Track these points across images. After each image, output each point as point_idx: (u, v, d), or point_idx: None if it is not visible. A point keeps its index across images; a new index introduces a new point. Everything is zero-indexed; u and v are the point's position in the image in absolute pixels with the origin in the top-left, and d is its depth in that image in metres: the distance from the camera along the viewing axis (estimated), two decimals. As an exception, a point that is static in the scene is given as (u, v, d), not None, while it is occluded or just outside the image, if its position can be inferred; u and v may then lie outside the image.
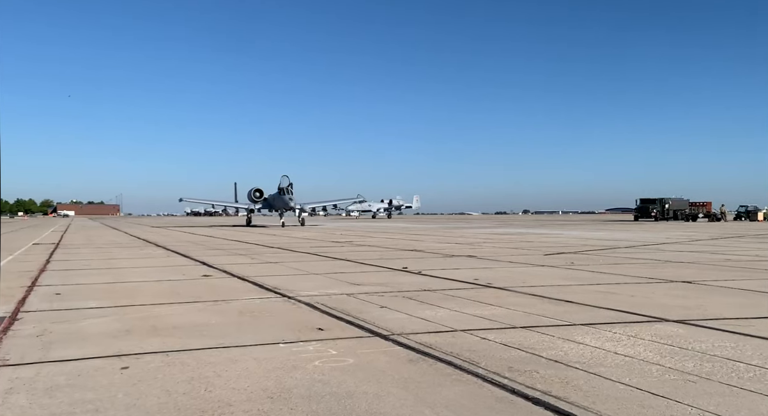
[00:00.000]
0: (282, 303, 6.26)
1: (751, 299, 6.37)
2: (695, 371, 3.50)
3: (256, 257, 13.02)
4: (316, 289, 7.28)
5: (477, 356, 3.90)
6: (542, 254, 13.36)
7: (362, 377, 3.45)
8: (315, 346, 4.22)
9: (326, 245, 17.36)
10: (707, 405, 2.90)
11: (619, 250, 14.75)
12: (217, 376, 3.49)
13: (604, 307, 5.81)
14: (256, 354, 3.99)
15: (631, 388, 3.19)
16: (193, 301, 6.41)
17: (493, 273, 9.15)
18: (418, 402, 3.03)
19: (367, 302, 6.19)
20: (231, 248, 16.56)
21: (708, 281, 7.93)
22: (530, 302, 6.16)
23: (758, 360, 3.73)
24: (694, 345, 4.17)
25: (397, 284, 7.72)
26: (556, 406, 2.93)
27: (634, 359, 3.79)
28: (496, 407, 2.95)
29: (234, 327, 4.95)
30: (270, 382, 3.36)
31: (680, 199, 59.95)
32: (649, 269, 9.67)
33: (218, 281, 8.35)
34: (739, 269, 9.62)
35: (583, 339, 4.37)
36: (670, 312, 5.51)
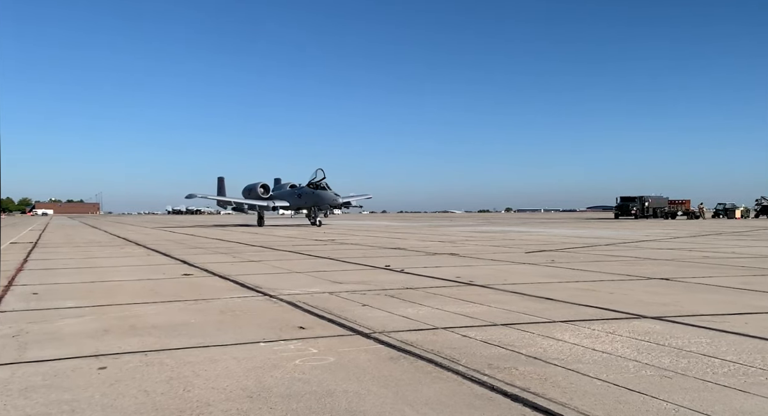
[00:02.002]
0: (263, 302, 6.23)
1: (727, 295, 6.48)
2: (671, 367, 3.55)
3: (238, 255, 12.94)
4: (298, 287, 7.26)
5: (458, 353, 3.92)
6: (524, 251, 13.46)
7: (343, 375, 3.45)
8: (296, 345, 4.21)
9: (309, 244, 17.31)
10: (682, 401, 2.94)
11: (599, 247, 14.90)
12: (196, 376, 3.46)
13: (584, 304, 5.87)
14: (236, 354, 3.96)
15: (608, 384, 3.23)
16: (173, 300, 6.36)
17: (475, 271, 9.19)
18: (398, 400, 3.04)
19: (349, 301, 6.19)
20: (212, 246, 16.44)
21: (685, 278, 8.05)
22: (511, 300, 6.20)
23: (733, 355, 3.80)
24: (670, 341, 4.23)
25: (379, 283, 7.72)
26: (535, 402, 2.95)
27: (611, 355, 3.84)
28: (475, 404, 2.97)
29: (214, 326, 4.91)
30: (250, 381, 3.34)
31: (660, 197, 60.77)
32: (628, 267, 9.79)
33: (199, 280, 8.29)
34: (716, 266, 9.78)
35: (562, 336, 4.41)
36: (647, 308, 5.58)
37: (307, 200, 35.95)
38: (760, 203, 62.57)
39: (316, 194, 35.02)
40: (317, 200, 35.28)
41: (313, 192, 35.21)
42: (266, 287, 7.28)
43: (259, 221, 37.26)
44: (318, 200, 35.18)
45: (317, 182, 35.15)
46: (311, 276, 8.58)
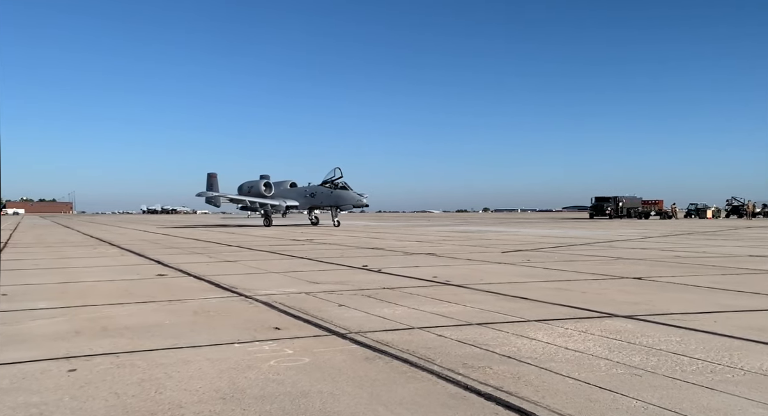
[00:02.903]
0: (239, 303, 6.18)
1: (697, 294, 6.61)
2: (641, 365, 3.61)
3: (214, 255, 12.82)
4: (275, 288, 7.22)
5: (433, 353, 3.94)
6: (500, 251, 13.57)
7: (318, 376, 3.45)
8: (271, 346, 4.19)
9: (286, 244, 17.22)
10: (651, 398, 3.00)
11: (573, 247, 15.09)
12: (168, 378, 3.42)
13: (557, 303, 5.94)
14: (209, 355, 3.93)
15: (579, 382, 3.27)
16: (147, 301, 6.28)
17: (452, 271, 9.24)
18: (373, 400, 3.05)
19: (326, 301, 6.17)
20: (188, 246, 16.26)
21: (657, 278, 8.19)
22: (487, 299, 6.25)
23: (701, 353, 3.88)
24: (641, 339, 4.30)
25: (356, 283, 7.72)
26: (507, 401, 2.98)
27: (583, 354, 3.89)
28: (449, 403, 2.98)
29: (188, 327, 4.86)
30: (223, 383, 3.32)
31: (633, 197, 61.79)
32: (602, 266, 9.93)
33: (173, 281, 8.19)
34: (688, 266, 9.97)
35: (535, 335, 4.46)
36: (619, 307, 5.67)
37: (323, 200, 34.42)
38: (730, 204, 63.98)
39: (337, 193, 33.73)
40: (338, 201, 33.83)
41: (332, 192, 33.80)
42: (242, 288, 7.23)
43: (267, 221, 35.14)
44: (339, 200, 33.76)
45: (335, 181, 33.73)
46: (288, 276, 8.55)
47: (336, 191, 33.75)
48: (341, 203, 33.95)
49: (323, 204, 34.82)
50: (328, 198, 34.10)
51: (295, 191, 36.24)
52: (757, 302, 5.97)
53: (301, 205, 35.77)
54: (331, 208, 34.31)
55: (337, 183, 33.80)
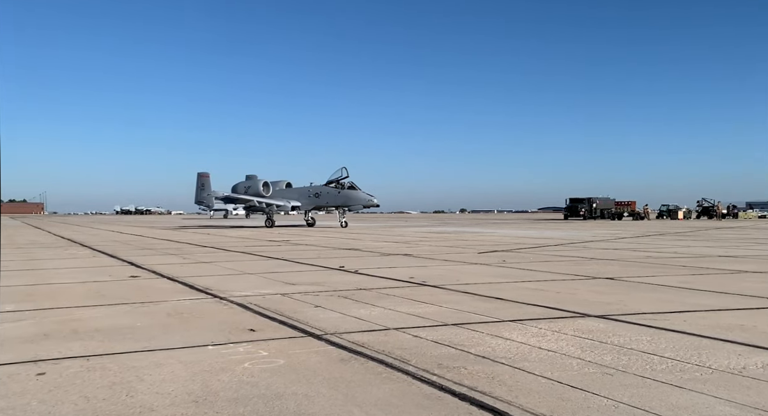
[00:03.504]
0: (213, 304, 6.12)
1: (667, 294, 6.73)
2: (613, 364, 3.67)
3: (188, 256, 12.68)
4: (250, 289, 7.17)
5: (408, 354, 3.95)
6: (476, 252, 13.66)
7: (292, 378, 3.43)
8: (245, 347, 4.16)
9: (262, 245, 17.11)
10: (622, 397, 3.04)
11: (548, 248, 15.26)
12: (140, 381, 3.37)
13: (532, 303, 6.00)
14: (182, 357, 3.88)
15: (552, 382, 3.31)
16: (119, 303, 6.18)
17: (429, 271, 9.28)
18: (348, 401, 3.04)
19: (302, 302, 6.15)
20: (162, 247, 16.05)
21: (629, 278, 8.32)
22: (463, 300, 6.28)
23: (671, 352, 3.95)
24: (613, 339, 4.37)
25: (333, 284, 7.70)
26: (481, 401, 3.00)
27: (556, 353, 3.94)
28: (424, 404, 2.99)
29: (161, 330, 4.80)
30: (196, 386, 3.28)
31: (607, 198, 62.75)
32: (576, 266, 10.06)
33: (146, 282, 8.08)
34: (659, 266, 10.15)
35: (510, 335, 4.50)
36: (592, 307, 5.75)
37: (329, 201, 33.61)
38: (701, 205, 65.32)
39: (346, 194, 33.03)
40: (347, 201, 33.10)
41: (339, 192, 33.07)
42: (216, 289, 7.16)
43: (270, 222, 34.02)
44: (348, 201, 33.03)
45: (342, 181, 32.95)
46: (263, 278, 8.49)
47: (344, 191, 33.06)
48: (351, 203, 33.27)
49: (329, 204, 34.05)
50: (336, 198, 33.36)
51: (297, 191, 35.42)
52: (726, 302, 6.10)
53: (304, 205, 35.00)
54: (339, 209, 33.63)
55: (343, 183, 33.11)
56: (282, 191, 35.93)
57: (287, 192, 35.81)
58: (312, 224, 35.30)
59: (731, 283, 7.73)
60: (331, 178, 33.82)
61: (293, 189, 35.91)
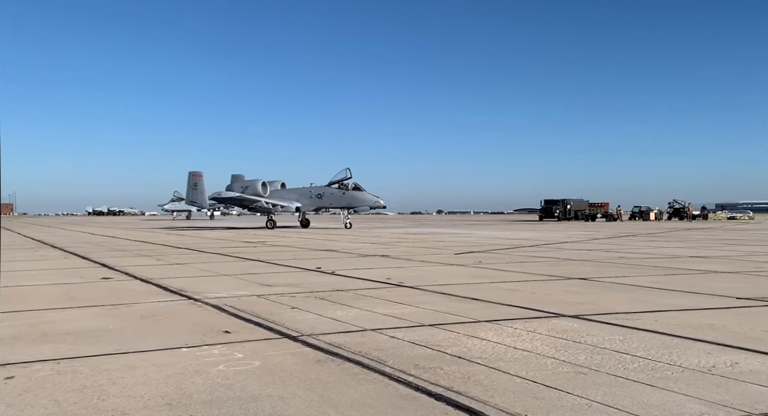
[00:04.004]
0: (187, 306, 6.05)
1: (640, 294, 6.85)
2: (586, 363, 3.72)
3: (162, 258, 12.51)
4: (225, 291, 7.10)
5: (385, 355, 3.95)
6: (453, 253, 13.73)
7: (268, 380, 3.41)
8: (220, 349, 4.12)
9: (238, 246, 16.97)
10: (595, 396, 3.09)
11: (523, 248, 15.41)
12: (112, 384, 3.32)
13: (507, 304, 6.05)
14: (156, 360, 3.83)
15: (527, 381, 3.34)
16: (91, 305, 6.07)
17: (406, 272, 9.29)
18: (324, 402, 3.03)
19: (278, 304, 6.11)
20: (135, 249, 15.83)
21: (602, 278, 8.45)
22: (439, 301, 6.31)
23: (643, 351, 4.02)
24: (586, 338, 4.43)
25: (309, 285, 7.67)
26: (457, 401, 3.02)
27: (531, 353, 3.98)
28: (400, 404, 3.00)
29: (133, 332, 4.73)
30: (170, 388, 3.24)
31: (581, 200, 63.57)
32: (550, 267, 10.17)
33: (119, 284, 7.95)
34: (631, 266, 10.32)
35: (486, 335, 4.53)
36: (566, 307, 5.82)
37: (333, 202, 33.24)
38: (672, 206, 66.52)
39: (351, 195, 32.74)
40: (353, 202, 32.82)
41: (345, 193, 32.76)
42: (191, 291, 7.07)
43: (271, 224, 33.34)
44: (354, 202, 32.75)
45: (346, 182, 32.52)
46: (239, 279, 8.42)
47: (350, 193, 32.71)
48: (357, 204, 32.99)
49: (333, 205, 33.63)
50: (340, 199, 33.00)
51: (297, 191, 34.80)
52: (696, 301, 6.23)
53: (306, 206, 34.44)
54: (343, 210, 33.22)
55: (347, 184, 32.72)
56: (279, 192, 35.28)
57: (286, 192, 35.18)
58: (306, 224, 34.79)
59: (701, 283, 7.89)
60: (334, 179, 33.37)
61: (293, 190, 35.30)
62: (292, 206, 34.25)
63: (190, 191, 36.92)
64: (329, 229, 32.60)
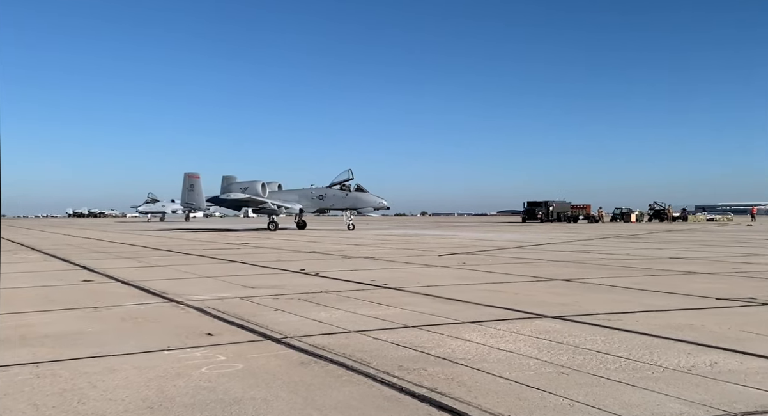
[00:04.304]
0: (169, 308, 6.00)
1: (621, 295, 6.92)
2: (568, 364, 3.75)
3: (144, 260, 12.39)
4: (208, 293, 7.04)
5: (369, 356, 3.95)
6: (437, 254, 13.76)
7: (251, 382, 3.39)
8: (203, 352, 4.08)
9: (221, 248, 16.85)
10: (577, 396, 3.11)
11: (507, 250, 15.49)
12: (92, 387, 3.28)
13: (491, 305, 6.08)
14: (137, 363, 3.79)
15: (510, 382, 3.36)
16: (70, 308, 5.99)
17: (390, 274, 9.30)
18: (307, 404, 3.02)
19: (261, 306, 6.08)
20: (116, 251, 15.65)
21: (584, 279, 8.52)
22: (423, 302, 6.32)
23: (624, 352, 4.06)
24: (568, 339, 4.46)
25: (293, 287, 7.64)
26: (441, 402, 3.03)
27: (514, 354, 4.00)
28: (384, 406, 3.00)
29: (114, 335, 4.67)
30: (151, 391, 3.20)
31: (563, 202, 64.17)
32: (533, 268, 10.24)
33: (99, 286, 7.86)
34: (613, 268, 10.43)
35: (469, 337, 4.55)
36: (549, 308, 5.86)
37: (335, 203, 33.08)
38: (652, 208, 67.40)
39: (355, 196, 32.62)
40: (356, 203, 32.71)
41: (348, 194, 32.64)
42: (173, 293, 7.01)
43: (273, 226, 32.73)
44: (358, 203, 32.65)
45: (348, 183, 32.36)
46: (222, 281, 8.36)
47: (353, 194, 32.62)
48: (360, 206, 32.92)
49: (335, 207, 33.45)
50: (344, 201, 32.87)
51: (297, 192, 34.44)
52: (676, 302, 6.31)
53: (307, 208, 34.10)
54: (346, 211, 33.06)
55: (349, 185, 32.59)
56: (278, 193, 34.85)
57: (285, 194, 34.79)
58: (303, 226, 34.51)
59: (681, 284, 8.00)
60: (335, 180, 33.20)
61: (292, 191, 34.94)
62: (295, 207, 34.00)
63: (185, 193, 35.89)
64: (326, 231, 32.50)
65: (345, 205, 33.26)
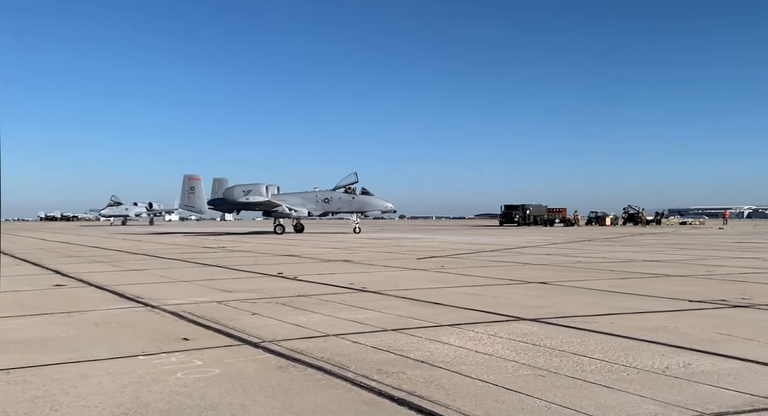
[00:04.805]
0: (144, 313, 5.91)
1: (597, 297, 7.01)
2: (545, 366, 3.78)
3: (118, 264, 12.20)
4: (184, 297, 6.96)
5: (347, 360, 3.94)
6: (415, 258, 13.79)
7: (228, 387, 3.35)
8: (178, 357, 4.03)
9: (197, 251, 16.67)
10: (554, 398, 3.14)
11: (484, 253, 15.59)
12: (64, 394, 3.21)
13: (469, 308, 6.11)
14: (111, 368, 3.72)
15: (488, 384, 3.38)
16: (42, 313, 5.87)
17: (368, 277, 9.29)
18: (285, 409, 3.00)
19: (239, 310, 6.02)
20: (90, 255, 15.39)
21: (561, 282, 8.61)
22: (402, 305, 6.32)
23: (600, 353, 4.11)
24: (545, 341, 4.50)
25: (271, 290, 7.59)
26: (420, 405, 3.03)
27: (492, 356, 4.02)
28: (362, 410, 2.99)
29: (88, 340, 4.59)
30: (125, 397, 3.15)
31: (539, 205, 64.82)
32: (511, 271, 10.32)
33: (72, 291, 7.71)
34: (589, 271, 10.55)
35: (448, 339, 4.56)
36: (526, 311, 5.91)
37: (341, 206, 33.26)
38: (627, 212, 68.33)
39: (362, 199, 32.93)
40: (363, 207, 33.02)
41: (354, 198, 32.89)
42: (148, 297, 6.91)
43: (280, 229, 32.99)
44: (365, 207, 32.97)
45: (353, 187, 32.52)
46: (198, 285, 8.27)
47: (359, 197, 32.85)
48: (367, 209, 33.18)
49: (342, 210, 33.66)
50: (351, 204, 33.04)
51: (301, 195, 34.29)
52: (650, 304, 6.41)
53: (313, 211, 33.99)
54: (353, 214, 33.18)
55: (354, 188, 32.71)
56: (281, 196, 34.50)
57: (288, 197, 34.49)
58: (300, 229, 34.29)
59: (655, 286, 8.12)
60: (340, 183, 33.26)
61: (296, 194, 34.74)
62: (304, 211, 33.88)
63: (185, 195, 35.08)
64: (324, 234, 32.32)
65: (352, 208, 33.43)
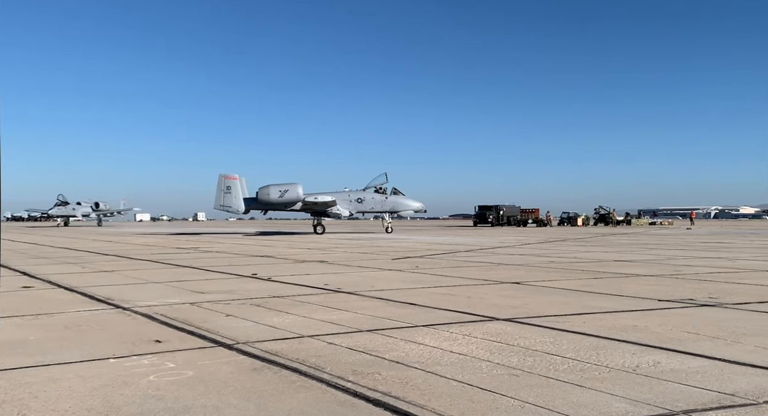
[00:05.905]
0: (115, 315, 5.81)
1: (569, 297, 7.10)
2: (519, 365, 3.82)
3: (88, 265, 11.97)
4: (156, 299, 6.86)
5: (323, 361, 3.92)
6: (390, 258, 13.81)
7: (202, 389, 3.31)
8: (150, 360, 3.97)
9: (170, 252, 16.45)
10: (527, 397, 3.18)
11: (459, 254, 15.68)
12: (33, 398, 3.14)
13: (444, 308, 6.14)
14: (81, 372, 3.65)
15: (463, 384, 3.40)
16: (10, 316, 5.72)
17: (343, 278, 9.27)
18: (260, 411, 2.98)
19: (212, 311, 5.96)
20: (59, 256, 15.07)
21: (534, 282, 8.71)
22: (377, 306, 6.33)
23: (572, 353, 4.17)
24: (519, 341, 4.55)
25: (245, 292, 7.53)
26: (395, 406, 3.04)
27: (467, 357, 4.05)
28: (338, 411, 2.98)
29: (57, 343, 4.49)
30: (96, 401, 3.09)
31: (513, 206, 65.45)
32: (485, 272, 10.40)
33: (41, 293, 7.54)
34: (561, 270, 10.69)
35: (423, 340, 4.58)
36: (500, 311, 5.97)
37: (374, 206, 33.73)
38: (598, 212, 69.41)
39: (394, 200, 33.54)
40: (396, 207, 33.69)
41: (387, 198, 33.44)
42: (119, 299, 6.79)
43: (321, 229, 33.27)
44: (398, 207, 33.64)
45: (384, 187, 33.00)
46: (171, 286, 8.15)
47: (392, 197, 33.53)
48: (400, 209, 33.88)
49: (375, 210, 34.19)
50: (384, 204, 33.65)
51: (334, 195, 33.81)
52: (621, 304, 6.52)
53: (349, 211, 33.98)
54: (385, 214, 33.81)
55: (385, 188, 33.30)
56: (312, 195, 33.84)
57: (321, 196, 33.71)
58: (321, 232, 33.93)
59: (626, 286, 8.27)
60: (371, 183, 33.79)
61: (329, 193, 34.15)
62: (346, 211, 34.08)
63: (221, 195, 33.57)
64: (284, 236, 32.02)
65: (384, 208, 34.11)
